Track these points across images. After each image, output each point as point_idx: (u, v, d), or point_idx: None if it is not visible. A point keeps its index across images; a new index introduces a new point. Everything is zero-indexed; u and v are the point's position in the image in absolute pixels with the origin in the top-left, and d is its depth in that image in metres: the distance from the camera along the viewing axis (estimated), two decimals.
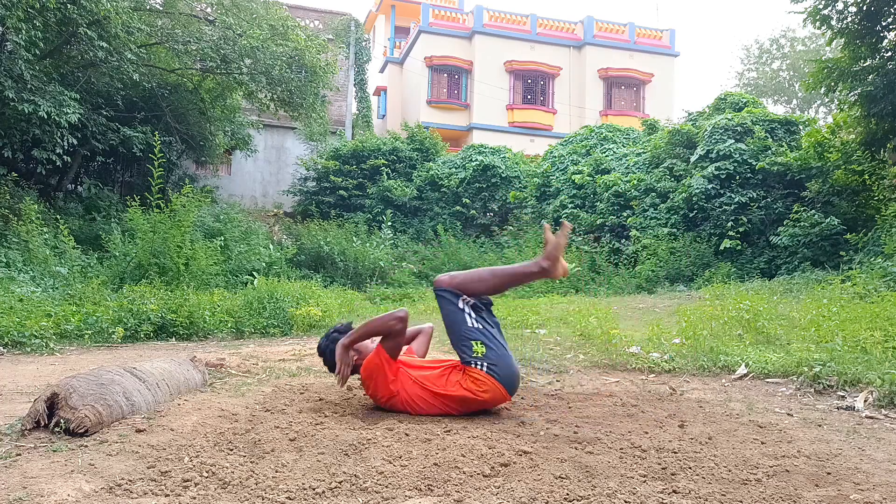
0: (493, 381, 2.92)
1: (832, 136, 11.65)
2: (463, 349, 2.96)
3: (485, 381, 2.92)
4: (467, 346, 2.95)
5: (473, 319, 2.99)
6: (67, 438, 2.39)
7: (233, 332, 6.61)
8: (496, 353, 2.95)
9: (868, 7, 9.55)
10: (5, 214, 10.63)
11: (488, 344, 2.95)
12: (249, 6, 14.55)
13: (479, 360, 2.93)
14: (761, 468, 2.25)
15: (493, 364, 2.92)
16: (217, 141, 16.83)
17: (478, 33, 27.30)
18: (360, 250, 14.06)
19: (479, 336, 2.95)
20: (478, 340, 2.94)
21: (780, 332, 5.28)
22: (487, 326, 3.01)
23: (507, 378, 2.96)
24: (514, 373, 3.01)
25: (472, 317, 2.99)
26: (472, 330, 2.97)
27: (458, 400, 2.95)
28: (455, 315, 3.00)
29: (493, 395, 2.94)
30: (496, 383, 2.92)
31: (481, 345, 2.94)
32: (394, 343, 2.97)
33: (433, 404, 2.98)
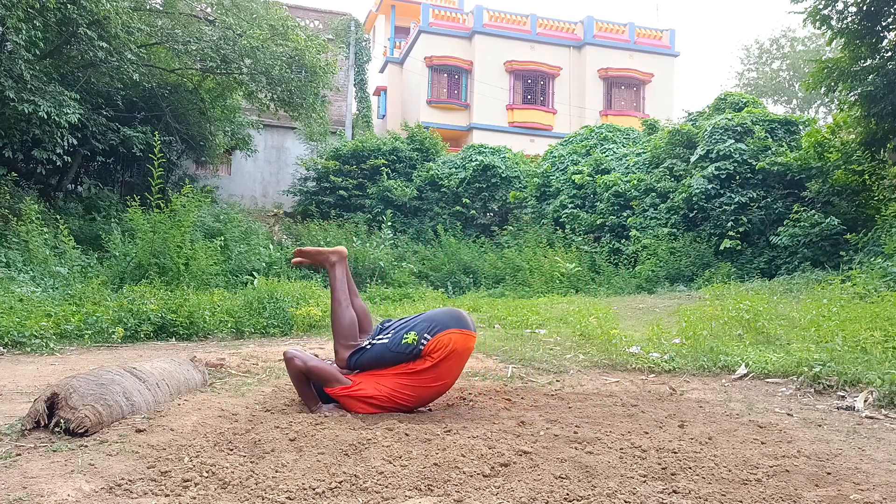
0: (444, 334, 2.98)
1: (832, 136, 11.65)
2: (406, 351, 3.01)
3: (439, 339, 2.97)
4: (403, 347, 3.01)
5: (384, 336, 3.09)
6: (67, 438, 2.39)
7: (233, 332, 6.61)
8: (418, 324, 3.03)
9: (868, 7, 9.55)
10: (5, 214, 10.62)
11: (404, 329, 3.04)
12: (249, 6, 14.54)
13: (419, 339, 2.99)
14: (761, 468, 2.25)
15: (428, 329, 2.99)
16: (217, 141, 16.82)
17: (478, 33, 27.29)
18: (360, 250, 14.06)
19: (397, 338, 3.03)
20: (400, 340, 3.01)
21: (780, 332, 5.28)
22: (393, 328, 3.11)
23: (449, 322, 3.02)
24: (449, 313, 3.09)
25: (380, 339, 3.09)
26: (391, 342, 3.04)
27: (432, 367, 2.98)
28: (376, 353, 3.08)
29: (455, 340, 2.99)
30: (448, 332, 2.98)
31: (407, 334, 3.01)
32: (320, 375, 3.05)
33: (414, 386, 3.01)
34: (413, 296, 12.23)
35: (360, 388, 3.02)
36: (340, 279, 3.34)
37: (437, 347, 2.97)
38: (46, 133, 11.03)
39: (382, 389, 3.01)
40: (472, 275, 14.47)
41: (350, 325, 3.21)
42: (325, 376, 3.05)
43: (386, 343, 3.05)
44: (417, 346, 2.99)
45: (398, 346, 3.01)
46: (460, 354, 3.04)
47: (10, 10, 9.36)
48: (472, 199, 18.38)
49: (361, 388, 3.02)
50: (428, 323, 3.03)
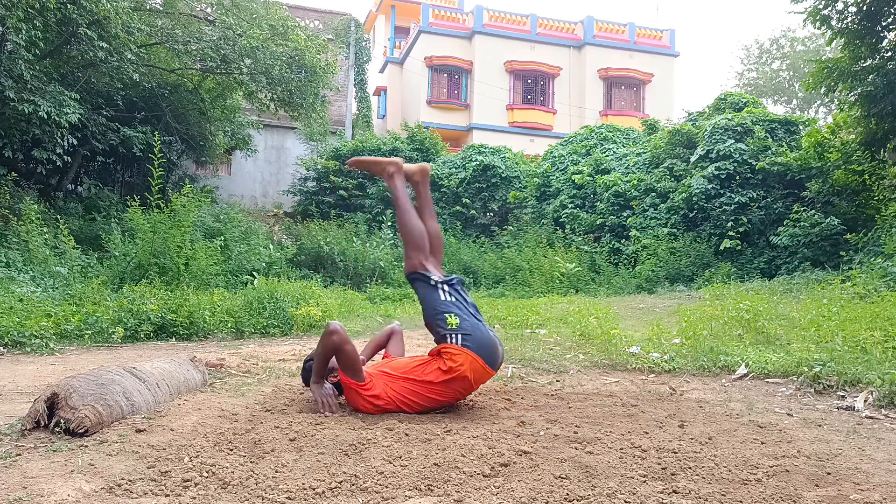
0: (467, 353, 2.93)
1: (832, 136, 11.65)
2: (438, 323, 2.99)
3: (459, 353, 2.93)
4: (441, 320, 2.98)
5: (447, 293, 3.05)
6: (67, 438, 2.39)
7: (233, 332, 6.61)
8: (469, 323, 2.98)
9: (868, 7, 9.55)
10: (5, 214, 10.62)
11: (461, 315, 2.99)
12: (249, 6, 14.54)
13: (453, 331, 2.96)
14: (761, 468, 2.25)
15: (467, 334, 2.95)
16: (217, 141, 16.82)
17: (478, 33, 27.29)
18: (360, 250, 14.06)
19: (452, 308, 3.00)
20: (451, 313, 2.99)
21: (780, 332, 5.28)
22: (460, 300, 3.06)
23: (483, 348, 2.96)
24: (491, 343, 3.02)
25: (446, 291, 3.05)
26: (446, 303, 3.02)
27: (442, 383, 2.95)
28: (429, 293, 3.06)
29: (472, 367, 2.94)
30: (471, 354, 2.93)
31: (454, 317, 2.98)
32: (346, 359, 2.98)
33: (421, 394, 2.99)
34: (413, 296, 12.22)
35: (369, 387, 3.00)
36: (401, 188, 3.32)
37: (454, 361, 2.93)
38: (46, 133, 11.03)
39: (390, 393, 2.99)
40: (472, 275, 14.47)
41: (420, 235, 3.18)
42: (349, 363, 2.99)
43: (437, 298, 3.03)
44: (446, 332, 2.96)
45: (439, 315, 2.99)
46: (470, 383, 2.99)
47: (10, 10, 9.36)
48: (472, 199, 18.38)
49: (371, 388, 3.00)
50: (470, 327, 2.97)
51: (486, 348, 2.98)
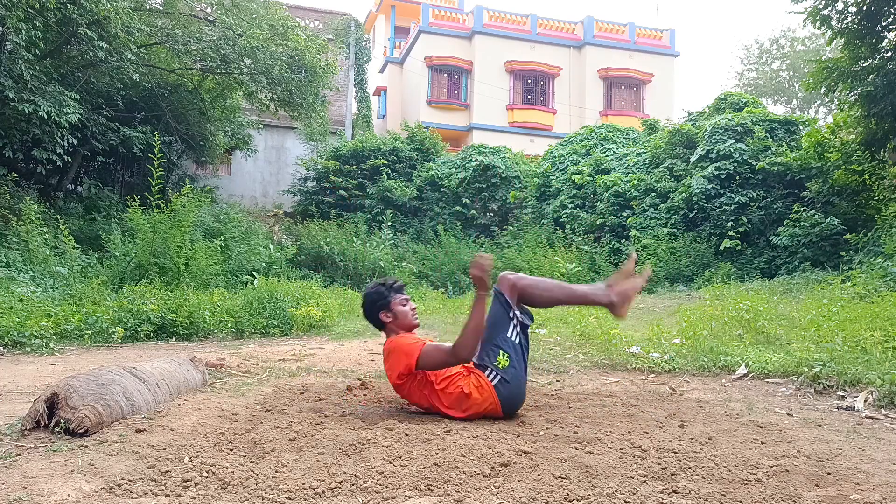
0: (494, 397, 2.88)
1: (832, 136, 11.65)
2: (489, 352, 2.92)
3: (487, 391, 2.89)
4: (494, 353, 2.91)
5: (516, 333, 2.96)
6: (67, 438, 2.39)
7: (233, 332, 6.61)
8: (515, 372, 2.91)
9: (868, 7, 9.55)
10: (5, 214, 10.62)
11: (513, 361, 2.91)
12: (249, 6, 14.54)
13: (496, 370, 2.89)
14: (761, 468, 2.25)
15: (506, 381, 2.88)
16: (217, 141, 16.82)
17: (478, 33, 27.29)
18: (360, 250, 14.06)
19: (510, 350, 2.92)
20: (507, 353, 2.91)
21: (780, 332, 5.28)
22: (522, 346, 2.98)
23: (510, 400, 2.92)
24: (520, 396, 2.98)
25: (517, 330, 2.97)
26: (509, 341, 2.93)
27: (456, 396, 2.91)
28: (502, 320, 2.96)
29: (487, 408, 2.90)
30: (496, 401, 2.89)
31: (506, 357, 2.90)
32: (432, 361, 2.90)
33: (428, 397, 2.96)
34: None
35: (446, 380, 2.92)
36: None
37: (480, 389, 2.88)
38: (46, 133, 11.03)
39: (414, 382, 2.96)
40: None
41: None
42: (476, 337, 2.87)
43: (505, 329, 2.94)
44: (489, 366, 2.90)
45: (494, 345, 2.91)
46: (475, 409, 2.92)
47: (10, 10, 9.36)
48: (472, 199, 18.38)
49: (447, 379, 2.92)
50: (513, 377, 2.90)
51: (513, 399, 2.93)
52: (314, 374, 4.25)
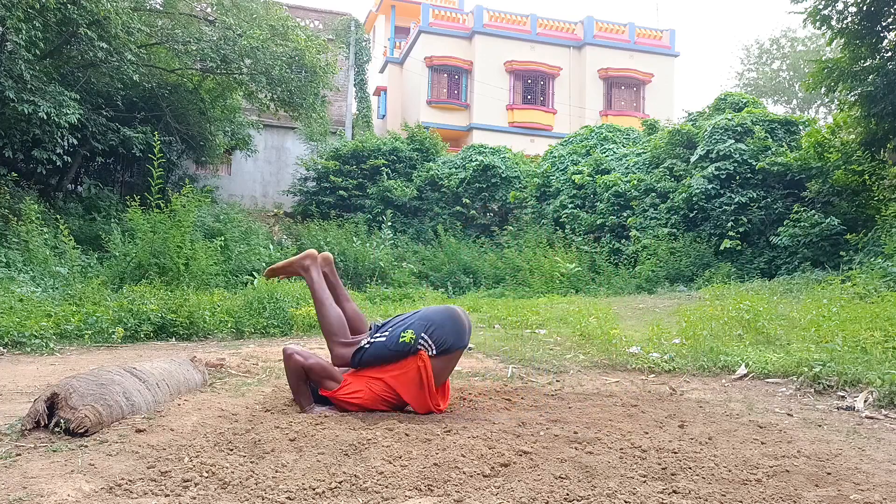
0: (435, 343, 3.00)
1: (832, 136, 11.65)
2: (404, 353, 3.01)
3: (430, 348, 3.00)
4: (401, 347, 3.01)
5: (376, 339, 3.09)
6: (67, 438, 2.39)
7: (233, 332, 6.61)
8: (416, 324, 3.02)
9: (868, 7, 9.55)
10: (5, 214, 10.62)
11: (403, 328, 3.03)
12: (249, 6, 14.53)
13: (417, 340, 2.99)
14: (761, 468, 2.25)
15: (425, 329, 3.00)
16: (217, 141, 16.82)
17: (478, 33, 27.28)
18: (360, 250, 14.05)
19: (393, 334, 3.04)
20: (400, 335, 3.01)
21: (780, 332, 5.28)
22: (388, 328, 3.10)
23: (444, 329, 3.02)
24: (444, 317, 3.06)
25: (377, 335, 3.10)
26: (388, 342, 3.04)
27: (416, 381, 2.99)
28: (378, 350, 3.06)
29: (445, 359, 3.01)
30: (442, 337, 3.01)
31: (405, 333, 3.01)
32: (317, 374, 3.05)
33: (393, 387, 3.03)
34: (413, 296, 12.22)
35: (348, 387, 3.05)
36: (317, 280, 3.34)
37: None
38: (46, 133, 11.02)
39: (374, 388, 3.03)
40: (472, 275, 14.46)
41: (338, 322, 3.20)
42: (323, 374, 3.06)
43: (384, 341, 3.06)
44: (415, 346, 2.99)
45: (395, 344, 3.02)
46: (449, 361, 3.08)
47: (10, 10, 9.35)
48: (472, 199, 18.37)
49: (350, 386, 3.05)
50: (425, 323, 3.03)
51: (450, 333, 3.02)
52: None
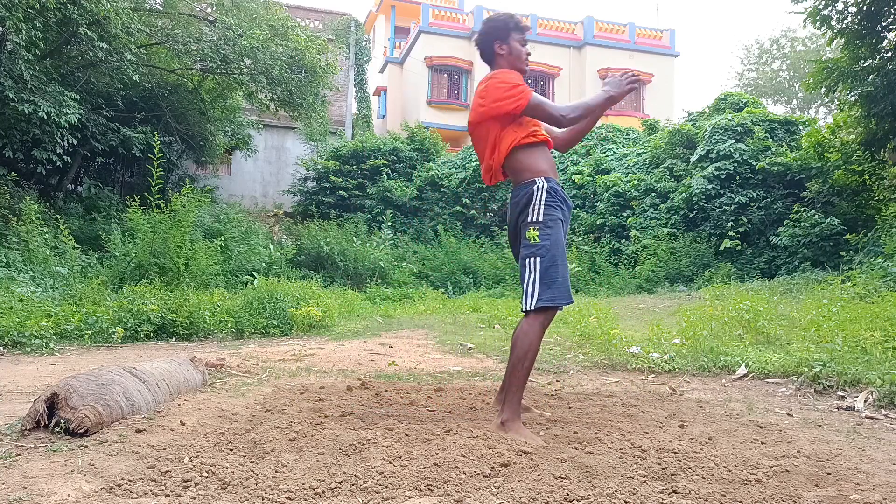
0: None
1: (832, 136, 11.65)
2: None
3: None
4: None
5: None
6: (67, 438, 2.39)
7: (233, 333, 6.61)
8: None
9: (868, 7, 9.55)
10: (5, 214, 10.62)
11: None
12: (249, 6, 14.53)
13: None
14: (761, 468, 2.25)
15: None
16: (217, 141, 16.82)
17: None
18: (360, 250, 14.06)
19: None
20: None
21: (780, 332, 5.28)
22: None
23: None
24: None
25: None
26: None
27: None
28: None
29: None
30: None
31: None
32: (541, 111, 2.80)
33: (498, 147, 2.85)
34: (413, 296, 12.23)
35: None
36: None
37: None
38: (46, 133, 11.02)
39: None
40: (472, 275, 14.47)
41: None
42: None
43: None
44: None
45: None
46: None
47: (10, 10, 9.35)
48: (472, 199, 18.38)
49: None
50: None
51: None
52: (314, 374, 4.25)
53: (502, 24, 2.95)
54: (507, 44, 2.93)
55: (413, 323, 8.26)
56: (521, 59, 2.95)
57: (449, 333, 6.92)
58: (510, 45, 2.93)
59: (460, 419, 2.93)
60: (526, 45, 2.99)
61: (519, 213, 2.84)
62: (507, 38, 2.93)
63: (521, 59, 2.96)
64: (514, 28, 2.94)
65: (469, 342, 5.99)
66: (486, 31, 2.97)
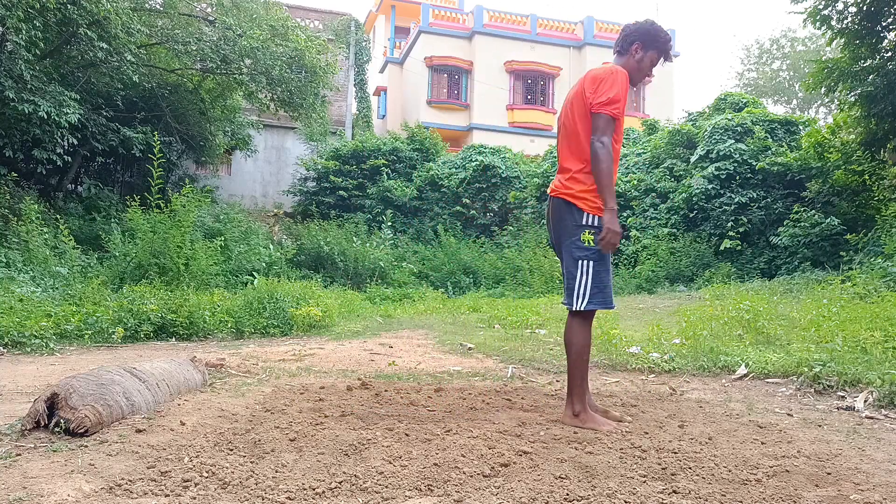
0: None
1: (832, 136, 11.65)
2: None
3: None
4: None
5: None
6: (67, 438, 2.39)
7: (233, 333, 6.61)
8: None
9: (868, 7, 9.54)
10: (5, 214, 10.62)
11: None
12: (249, 6, 14.53)
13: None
14: (761, 468, 2.25)
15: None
16: (217, 141, 16.82)
17: (478, 33, 27.28)
18: (360, 250, 14.06)
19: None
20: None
21: (780, 332, 5.28)
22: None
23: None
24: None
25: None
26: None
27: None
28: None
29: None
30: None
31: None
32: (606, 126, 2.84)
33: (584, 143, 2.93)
34: (413, 296, 12.23)
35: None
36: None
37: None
38: (46, 133, 11.02)
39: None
40: (472, 275, 14.47)
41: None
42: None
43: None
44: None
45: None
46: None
47: (10, 10, 9.35)
48: (472, 200, 18.38)
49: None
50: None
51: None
52: (314, 374, 4.25)
53: (656, 36, 3.01)
54: (644, 52, 3.00)
55: (413, 323, 8.26)
56: (642, 71, 3.04)
57: (449, 333, 6.92)
58: (646, 55, 3.01)
59: (460, 419, 2.93)
60: (655, 65, 3.07)
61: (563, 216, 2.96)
62: (649, 48, 3.00)
63: (643, 71, 3.04)
64: (661, 46, 3.03)
65: (469, 342, 6.00)
66: (639, 29, 3.03)
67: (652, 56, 3.01)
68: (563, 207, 2.96)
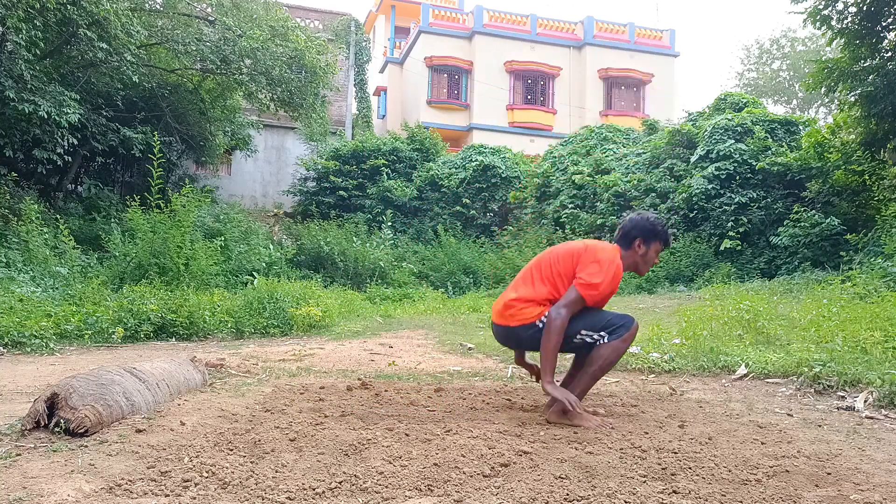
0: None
1: (832, 136, 11.64)
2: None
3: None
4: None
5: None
6: (67, 438, 2.39)
7: (233, 333, 6.61)
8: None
9: (868, 7, 9.54)
10: (5, 214, 10.62)
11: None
12: (249, 7, 14.54)
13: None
14: (761, 468, 2.25)
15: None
16: (217, 141, 16.82)
17: (478, 33, 27.28)
18: (360, 250, 14.06)
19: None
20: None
21: (780, 332, 5.28)
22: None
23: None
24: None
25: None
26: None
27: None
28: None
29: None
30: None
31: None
32: (582, 305, 2.97)
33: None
34: (413, 296, 12.23)
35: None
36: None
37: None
38: (46, 133, 11.03)
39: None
40: (472, 275, 14.47)
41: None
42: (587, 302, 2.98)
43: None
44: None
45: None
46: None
47: (10, 10, 9.36)
48: (472, 200, 18.38)
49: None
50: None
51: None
52: (314, 374, 4.25)
53: (654, 229, 3.13)
54: (647, 247, 3.12)
55: (413, 323, 8.26)
56: (648, 262, 3.16)
57: (449, 333, 6.92)
58: (650, 249, 3.13)
59: (460, 419, 2.93)
60: (661, 252, 3.19)
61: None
62: (651, 243, 3.12)
63: (649, 262, 3.17)
64: (662, 240, 3.14)
65: (469, 342, 6.00)
66: (641, 225, 3.14)
67: (656, 246, 3.14)
68: (510, 331, 3.16)
